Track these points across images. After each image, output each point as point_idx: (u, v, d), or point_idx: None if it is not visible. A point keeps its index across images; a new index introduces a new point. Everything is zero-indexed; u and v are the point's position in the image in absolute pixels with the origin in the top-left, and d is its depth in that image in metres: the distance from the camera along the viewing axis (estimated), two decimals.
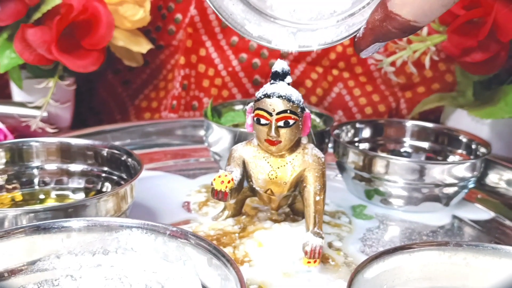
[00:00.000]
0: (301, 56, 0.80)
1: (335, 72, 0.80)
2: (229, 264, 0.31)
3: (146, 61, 0.84)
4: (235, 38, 0.81)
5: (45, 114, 0.71)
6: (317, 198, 0.46)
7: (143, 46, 0.76)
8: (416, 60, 0.71)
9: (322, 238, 0.45)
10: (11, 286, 0.35)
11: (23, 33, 0.67)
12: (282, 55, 0.80)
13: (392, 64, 0.69)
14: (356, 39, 0.38)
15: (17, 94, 0.76)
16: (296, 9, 0.40)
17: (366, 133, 0.66)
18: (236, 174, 0.46)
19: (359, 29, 0.38)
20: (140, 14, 0.72)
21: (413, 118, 0.77)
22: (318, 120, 0.70)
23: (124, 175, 0.51)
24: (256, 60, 0.81)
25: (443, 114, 0.74)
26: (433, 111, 0.77)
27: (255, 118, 0.44)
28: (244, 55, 0.81)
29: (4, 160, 0.51)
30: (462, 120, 0.70)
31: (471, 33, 0.63)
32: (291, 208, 0.53)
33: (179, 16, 0.82)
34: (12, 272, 0.35)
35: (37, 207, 0.48)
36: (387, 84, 0.80)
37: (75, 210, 0.41)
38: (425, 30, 0.68)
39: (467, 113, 0.69)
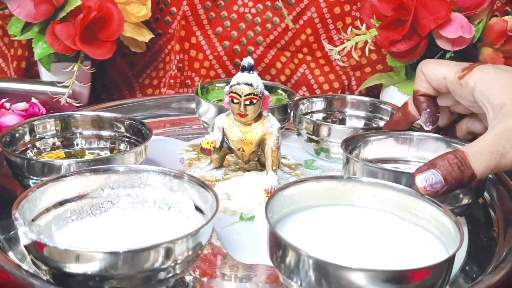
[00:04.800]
0: (272, 43, 0.99)
1: (300, 56, 1.00)
2: (209, 190, 0.51)
3: (147, 46, 1.00)
4: (219, 29, 1.00)
5: (70, 91, 0.90)
6: (273, 153, 0.66)
7: (145, 36, 0.94)
8: (363, 47, 0.90)
9: (277, 180, 0.66)
10: (73, 208, 0.54)
11: (52, 29, 0.85)
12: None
13: (340, 52, 0.88)
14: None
15: (45, 75, 0.95)
16: None
17: (319, 106, 0.84)
18: (218, 137, 0.66)
19: None
20: (144, 11, 0.91)
21: (360, 93, 0.97)
22: (284, 94, 0.89)
23: (139, 139, 0.70)
24: (237, 47, 1.00)
25: (382, 90, 0.94)
26: (376, 87, 0.97)
27: (230, 99, 0.64)
28: (227, 43, 1.00)
29: (53, 128, 0.70)
30: (394, 95, 0.88)
31: (397, 29, 0.82)
32: (259, 161, 0.73)
33: (174, 9, 1.01)
34: (72, 199, 0.53)
35: (83, 159, 0.67)
36: (341, 66, 0.99)
37: (108, 161, 0.61)
38: (364, 25, 0.86)
39: (397, 89, 0.89)
